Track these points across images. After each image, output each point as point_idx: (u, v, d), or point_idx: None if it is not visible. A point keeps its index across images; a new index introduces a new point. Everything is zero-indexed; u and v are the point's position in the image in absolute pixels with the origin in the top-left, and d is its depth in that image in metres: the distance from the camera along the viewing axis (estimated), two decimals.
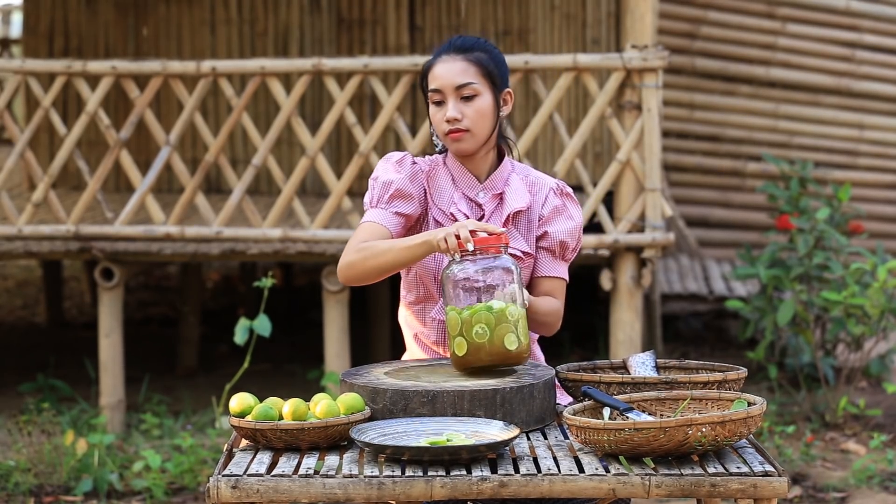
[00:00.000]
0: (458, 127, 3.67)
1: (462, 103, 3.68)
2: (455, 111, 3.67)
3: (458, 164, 3.76)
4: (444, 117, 3.69)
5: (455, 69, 3.68)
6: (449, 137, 3.70)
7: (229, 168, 7.60)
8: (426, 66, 3.74)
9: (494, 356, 3.32)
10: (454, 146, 3.71)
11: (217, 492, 2.97)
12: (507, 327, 3.30)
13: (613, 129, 7.29)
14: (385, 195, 3.72)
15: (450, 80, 3.68)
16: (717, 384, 3.39)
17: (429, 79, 3.72)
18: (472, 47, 3.71)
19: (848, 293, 7.25)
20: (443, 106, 3.70)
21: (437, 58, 3.72)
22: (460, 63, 3.68)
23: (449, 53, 3.71)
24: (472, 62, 3.69)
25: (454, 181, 3.76)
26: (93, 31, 9.90)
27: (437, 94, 3.69)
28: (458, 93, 3.67)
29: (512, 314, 3.31)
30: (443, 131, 3.70)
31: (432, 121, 3.74)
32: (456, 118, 3.67)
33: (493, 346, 3.30)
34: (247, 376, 7.14)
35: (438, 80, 3.69)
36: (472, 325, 3.30)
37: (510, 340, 3.31)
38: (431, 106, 3.72)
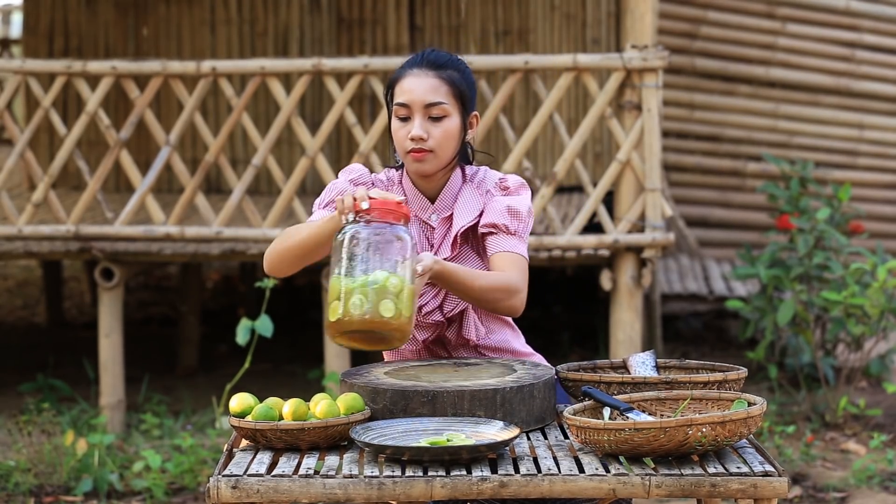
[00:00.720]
0: (423, 147, 3.52)
1: (429, 122, 3.53)
2: (421, 130, 3.52)
3: (411, 184, 3.63)
4: (408, 134, 3.53)
5: (426, 85, 3.53)
6: (410, 156, 3.55)
7: (229, 168, 7.60)
8: (394, 77, 3.59)
9: (367, 322, 3.16)
10: (414, 166, 3.57)
11: (217, 492, 2.97)
12: (386, 295, 3.15)
13: (613, 129, 7.29)
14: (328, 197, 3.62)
15: (419, 97, 3.53)
16: (718, 384, 3.39)
17: (396, 91, 3.57)
18: (445, 64, 3.56)
19: (848, 293, 7.25)
20: (408, 122, 3.54)
21: (408, 70, 3.56)
22: (432, 79, 3.53)
23: (421, 67, 3.55)
24: (445, 80, 3.54)
25: (407, 202, 3.60)
26: (93, 31, 9.90)
27: (404, 108, 3.54)
28: (426, 111, 3.53)
29: (393, 285, 3.16)
30: (404, 148, 3.55)
31: (394, 135, 3.57)
32: (422, 137, 3.52)
33: (370, 313, 3.15)
34: (247, 376, 7.14)
35: (407, 95, 3.53)
36: (351, 293, 3.15)
37: (386, 307, 3.16)
38: (395, 119, 3.56)
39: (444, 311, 3.62)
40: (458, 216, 3.61)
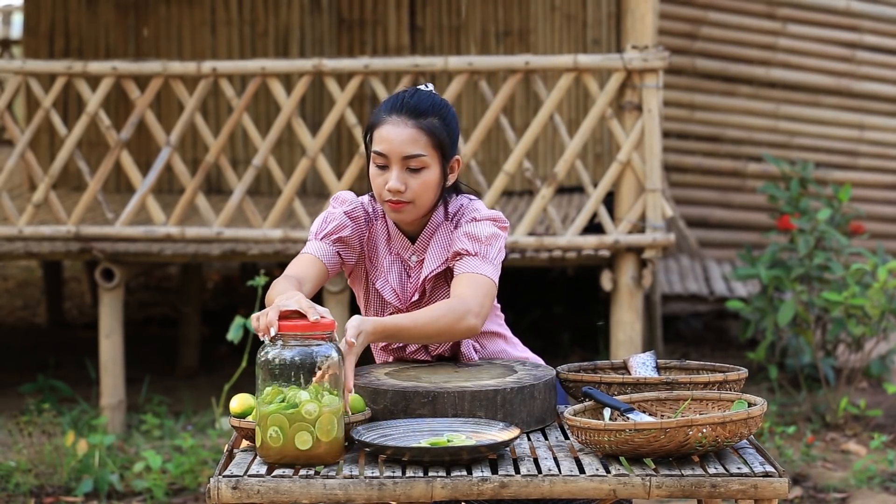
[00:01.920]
0: (401, 199, 3.46)
1: (407, 174, 3.45)
2: (398, 182, 3.45)
3: (391, 224, 3.59)
4: (385, 183, 3.47)
5: (404, 136, 3.44)
6: (388, 205, 3.49)
7: (230, 169, 7.60)
8: (373, 121, 3.50)
9: (287, 456, 3.06)
10: (392, 215, 3.52)
11: (217, 492, 2.97)
12: (302, 426, 3.04)
13: (614, 130, 7.29)
14: (327, 228, 3.56)
15: (398, 148, 3.44)
16: (718, 385, 3.39)
17: (374, 136, 3.49)
18: (425, 111, 3.46)
19: (848, 294, 7.25)
20: (385, 170, 3.47)
21: (387, 116, 3.47)
22: (411, 130, 3.44)
23: (400, 115, 3.45)
24: (424, 131, 3.44)
25: (388, 241, 3.59)
26: (93, 31, 9.90)
27: (382, 157, 3.47)
28: (404, 162, 3.45)
29: (309, 412, 3.03)
30: (382, 197, 3.49)
31: (372, 182, 3.51)
32: (399, 190, 3.45)
33: (285, 446, 3.05)
34: (247, 377, 7.13)
35: (385, 145, 3.45)
36: (268, 426, 3.05)
37: (302, 440, 3.04)
38: (373, 166, 3.49)
39: (429, 350, 3.61)
40: (429, 260, 3.56)
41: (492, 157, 9.49)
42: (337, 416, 3.07)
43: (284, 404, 3.04)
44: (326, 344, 3.10)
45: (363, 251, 3.62)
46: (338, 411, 3.08)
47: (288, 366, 3.06)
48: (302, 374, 3.06)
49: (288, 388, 3.06)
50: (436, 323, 3.40)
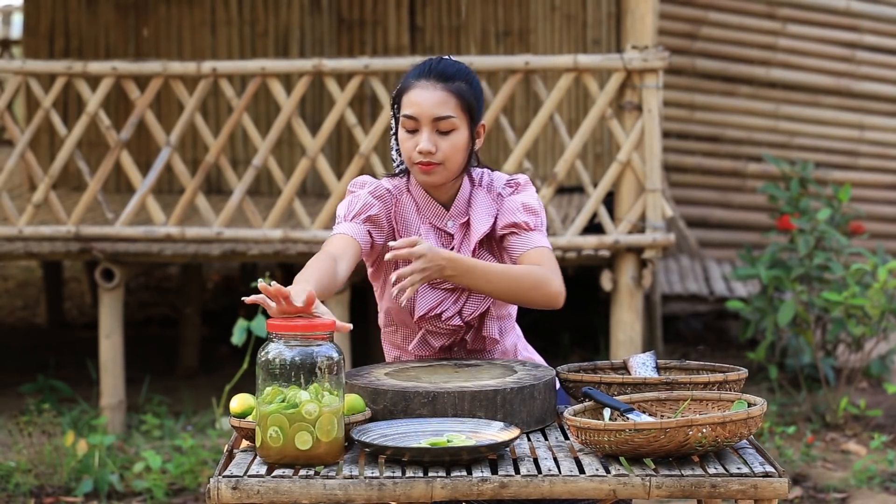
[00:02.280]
0: (431, 160, 3.51)
1: (437, 135, 3.51)
2: (429, 143, 3.50)
3: (422, 192, 3.62)
4: (416, 146, 3.52)
5: (435, 98, 3.50)
6: (418, 167, 3.53)
7: (230, 169, 7.61)
8: (402, 87, 3.56)
9: (287, 456, 3.06)
10: (423, 178, 3.56)
11: (217, 493, 2.97)
12: (302, 426, 3.04)
13: (614, 130, 7.30)
14: (355, 208, 3.59)
15: (428, 111, 3.50)
16: (718, 385, 3.39)
17: (403, 102, 3.55)
18: (453, 76, 3.53)
19: (848, 294, 7.25)
20: (415, 134, 3.52)
21: (415, 81, 3.54)
22: (440, 92, 3.51)
23: (429, 79, 3.52)
24: (453, 93, 3.51)
25: (419, 210, 3.63)
26: (93, 31, 9.90)
27: (412, 121, 3.52)
28: (434, 124, 3.51)
29: (310, 412, 3.03)
30: (412, 160, 3.53)
31: (402, 146, 3.56)
32: (430, 151, 3.50)
33: (286, 447, 3.05)
34: (247, 377, 7.14)
35: (415, 108, 3.51)
36: (268, 426, 3.05)
37: (302, 440, 3.04)
38: (402, 130, 3.55)
39: (463, 316, 3.63)
40: (476, 222, 3.61)
41: (492, 157, 9.49)
42: (337, 417, 3.08)
43: (284, 404, 3.04)
44: (327, 344, 3.10)
45: (392, 228, 3.64)
46: (338, 412, 3.08)
47: (288, 366, 3.07)
48: (302, 374, 3.07)
49: (288, 388, 3.06)
50: (518, 280, 3.49)
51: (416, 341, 3.66)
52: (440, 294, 3.60)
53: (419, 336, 3.66)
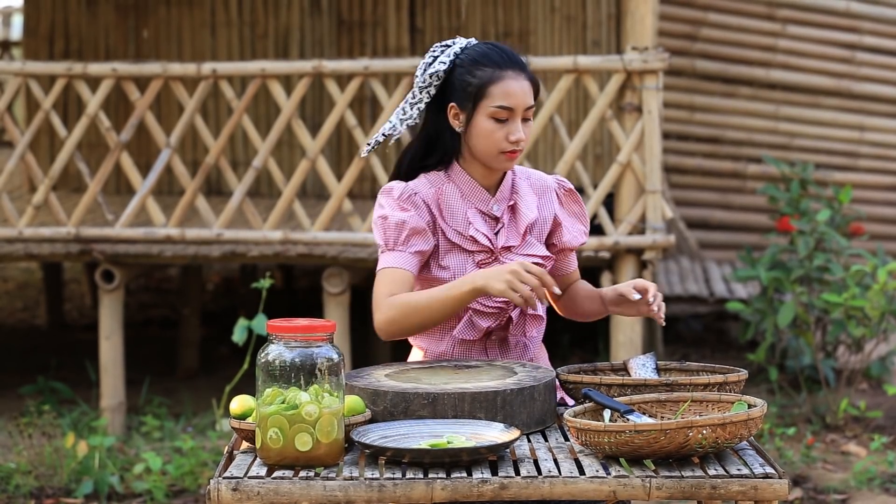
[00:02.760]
0: (517, 148, 3.62)
1: (523, 123, 3.62)
2: (522, 133, 3.61)
3: (467, 177, 3.66)
4: (506, 136, 3.59)
5: (525, 90, 3.61)
6: (506, 156, 3.62)
7: (230, 170, 7.61)
8: (487, 78, 3.59)
9: (287, 458, 3.06)
10: (507, 164, 3.64)
11: (218, 494, 2.97)
12: (302, 427, 3.04)
13: (614, 131, 7.30)
14: (401, 236, 3.60)
15: (522, 101, 3.60)
16: (718, 386, 3.39)
17: (492, 92, 3.59)
18: (525, 64, 3.66)
19: (848, 295, 7.25)
20: (504, 123, 3.59)
21: (503, 72, 3.60)
22: (526, 83, 3.62)
23: (514, 69, 3.61)
24: (533, 83, 3.64)
25: (463, 196, 3.67)
26: (93, 33, 9.91)
27: (507, 111, 3.59)
28: (524, 114, 3.62)
29: (310, 413, 3.04)
30: (500, 149, 3.60)
31: (486, 136, 3.60)
32: (523, 139, 3.61)
33: (286, 448, 3.05)
34: (247, 378, 7.14)
35: (513, 99, 3.58)
36: (268, 427, 3.05)
37: (302, 441, 3.04)
38: (489, 121, 3.60)
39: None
40: (525, 208, 3.70)
41: None
42: (337, 418, 3.08)
43: (285, 406, 3.04)
44: (327, 345, 3.10)
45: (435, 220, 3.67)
46: (338, 413, 3.08)
47: (288, 367, 3.07)
48: (302, 376, 3.07)
49: (288, 390, 3.06)
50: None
51: (463, 324, 3.66)
52: None
53: (466, 317, 3.66)
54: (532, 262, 3.63)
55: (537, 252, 3.68)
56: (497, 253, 3.65)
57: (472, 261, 3.65)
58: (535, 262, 3.64)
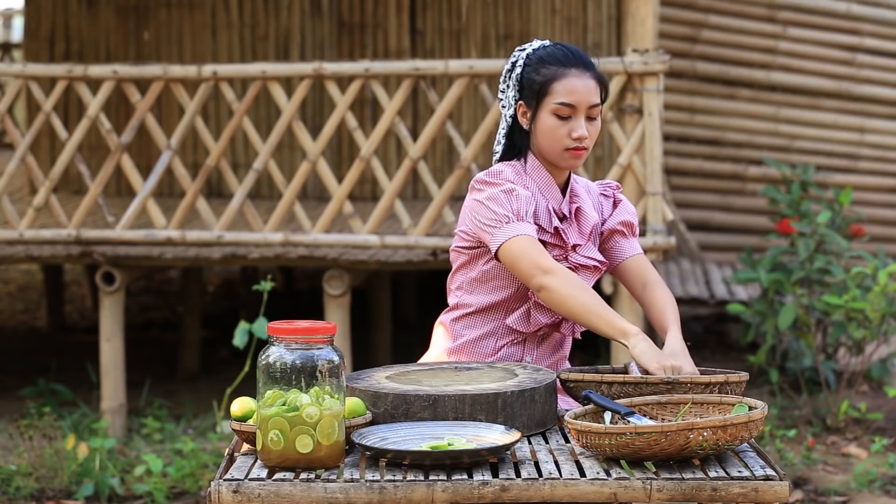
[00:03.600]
0: (582, 146, 3.66)
1: (587, 122, 3.67)
2: (585, 130, 3.65)
3: (545, 173, 3.74)
4: (568, 133, 3.65)
5: (589, 87, 3.66)
6: (569, 153, 3.66)
7: (230, 172, 7.61)
8: (550, 76, 3.66)
9: (288, 459, 3.06)
10: (572, 162, 3.69)
11: (218, 496, 2.97)
12: (303, 429, 3.05)
13: (614, 133, 7.30)
14: (529, 208, 3.66)
15: (585, 98, 3.65)
16: (719, 386, 3.39)
17: (556, 90, 3.66)
18: (592, 64, 3.70)
19: (849, 297, 7.25)
20: (567, 121, 3.65)
21: (566, 69, 3.66)
22: (591, 81, 3.67)
23: (579, 67, 3.67)
24: (599, 82, 3.69)
25: (541, 192, 3.74)
26: (94, 35, 9.91)
27: (569, 108, 3.65)
28: (588, 112, 3.66)
29: (310, 416, 3.05)
30: (564, 146, 3.66)
31: (550, 133, 3.66)
32: (586, 137, 3.66)
33: (286, 450, 3.06)
34: (248, 380, 7.14)
35: (575, 96, 3.64)
36: (269, 429, 3.06)
37: (303, 443, 3.05)
38: (552, 118, 3.66)
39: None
40: (588, 209, 3.77)
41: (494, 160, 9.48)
42: (338, 420, 3.08)
43: (285, 407, 3.05)
44: (328, 347, 3.10)
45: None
46: (339, 415, 3.08)
47: (289, 369, 3.07)
48: (303, 378, 3.07)
49: (289, 392, 3.07)
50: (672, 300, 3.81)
51: (518, 315, 3.71)
52: None
53: (524, 308, 3.71)
54: (592, 263, 3.74)
55: (595, 255, 3.76)
56: (569, 250, 3.73)
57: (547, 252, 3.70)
58: (595, 265, 3.74)
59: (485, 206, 3.65)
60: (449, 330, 3.79)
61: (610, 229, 3.82)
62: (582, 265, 3.73)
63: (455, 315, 3.78)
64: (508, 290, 3.72)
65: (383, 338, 9.18)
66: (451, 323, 3.79)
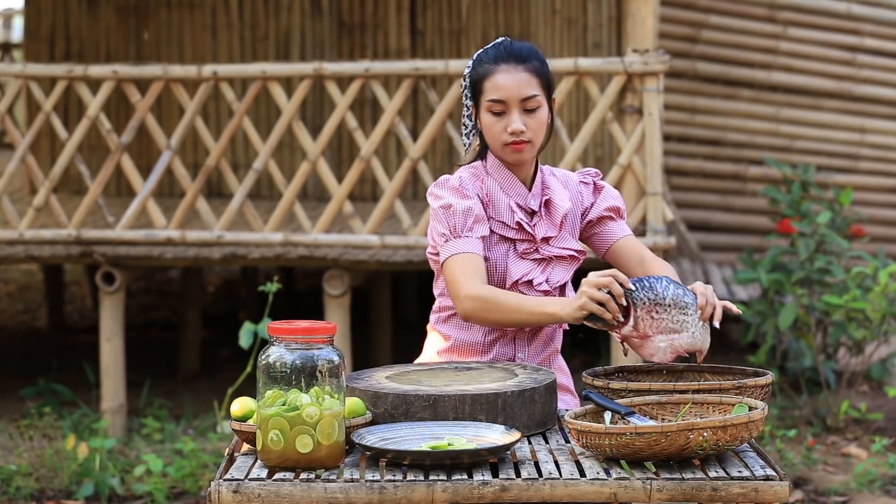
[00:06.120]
0: (521, 139, 3.66)
1: (524, 115, 3.66)
2: (520, 124, 3.65)
3: (505, 171, 3.75)
4: (504, 128, 3.66)
5: (520, 80, 3.66)
6: (509, 148, 3.68)
7: (230, 172, 7.61)
8: (481, 73, 3.69)
9: (288, 459, 3.06)
10: (514, 157, 3.69)
11: (218, 496, 2.97)
12: (303, 429, 3.04)
13: (615, 134, 7.30)
14: (468, 221, 3.67)
15: (516, 93, 3.65)
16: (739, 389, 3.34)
17: (486, 87, 3.68)
18: (528, 56, 3.69)
19: (849, 297, 7.25)
20: (503, 116, 3.67)
21: (495, 66, 3.68)
22: (523, 74, 3.66)
23: (508, 63, 3.67)
24: (534, 73, 3.67)
25: (503, 190, 3.75)
26: (94, 35, 9.91)
27: (500, 104, 3.66)
28: (522, 105, 3.66)
29: (310, 415, 3.04)
30: (502, 142, 3.68)
31: (488, 130, 3.69)
32: (522, 130, 3.65)
33: (286, 450, 3.06)
34: (248, 380, 7.14)
35: (503, 91, 3.65)
36: (269, 429, 3.06)
37: (303, 443, 3.05)
38: (488, 115, 3.68)
39: (550, 283, 3.75)
40: (558, 199, 3.76)
41: None
42: (338, 420, 3.08)
43: (285, 407, 3.05)
44: (328, 347, 3.10)
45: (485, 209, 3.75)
46: (339, 415, 3.08)
47: (289, 369, 3.07)
48: (303, 378, 3.07)
49: (289, 392, 3.07)
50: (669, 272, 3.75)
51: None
52: (529, 264, 3.73)
53: None
54: (567, 253, 3.75)
55: (572, 245, 3.77)
56: (538, 243, 3.74)
57: (514, 250, 3.73)
58: (570, 255, 3.76)
59: (432, 220, 3.73)
60: (439, 332, 3.80)
61: (597, 216, 3.82)
62: (557, 256, 3.75)
63: (443, 316, 3.80)
64: None
65: (383, 338, 9.18)
66: (440, 325, 3.80)
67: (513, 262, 3.72)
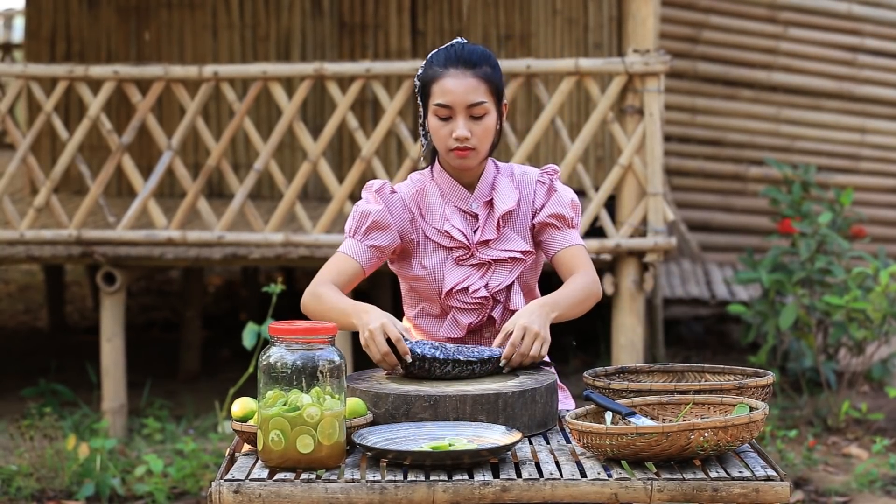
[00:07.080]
0: (467, 145, 3.64)
1: (471, 121, 3.63)
2: (465, 130, 3.62)
3: (447, 176, 3.74)
4: (449, 133, 3.64)
5: (466, 86, 3.62)
6: (454, 153, 3.65)
7: (231, 173, 7.61)
8: (430, 76, 3.66)
9: (289, 460, 3.07)
10: (459, 163, 3.67)
11: (219, 497, 2.97)
12: (304, 429, 3.05)
13: (615, 134, 7.30)
14: (362, 226, 3.70)
15: (462, 98, 3.62)
16: (742, 390, 3.35)
17: (434, 91, 3.66)
18: (478, 61, 3.64)
19: (850, 297, 7.25)
20: (449, 121, 3.64)
21: (444, 70, 3.65)
22: (471, 80, 3.63)
23: (458, 67, 3.63)
24: (482, 79, 3.63)
25: (443, 195, 3.73)
26: (95, 35, 9.91)
27: (446, 109, 3.64)
28: (468, 111, 3.63)
29: (311, 416, 3.05)
30: (447, 147, 3.66)
31: (434, 134, 3.68)
32: (466, 137, 3.63)
33: (287, 450, 3.06)
34: (249, 381, 7.14)
35: (449, 97, 3.63)
36: (269, 429, 3.06)
37: (303, 443, 3.05)
38: (434, 118, 3.66)
39: (489, 288, 3.71)
40: (499, 201, 3.72)
41: None
42: (339, 420, 3.08)
43: (286, 408, 3.05)
44: (328, 348, 3.11)
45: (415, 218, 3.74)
46: (339, 415, 3.08)
47: (290, 369, 3.07)
48: (304, 378, 3.07)
49: (290, 392, 3.07)
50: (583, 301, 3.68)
51: (447, 323, 3.74)
52: (467, 270, 3.71)
53: (449, 316, 3.74)
54: (508, 256, 3.70)
55: (515, 247, 3.72)
56: (473, 248, 3.71)
57: (451, 258, 3.72)
58: (512, 256, 3.71)
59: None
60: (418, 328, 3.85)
61: (541, 222, 3.75)
62: (496, 259, 3.71)
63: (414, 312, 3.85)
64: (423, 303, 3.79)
65: None
66: (417, 320, 3.85)
67: (449, 270, 3.71)
